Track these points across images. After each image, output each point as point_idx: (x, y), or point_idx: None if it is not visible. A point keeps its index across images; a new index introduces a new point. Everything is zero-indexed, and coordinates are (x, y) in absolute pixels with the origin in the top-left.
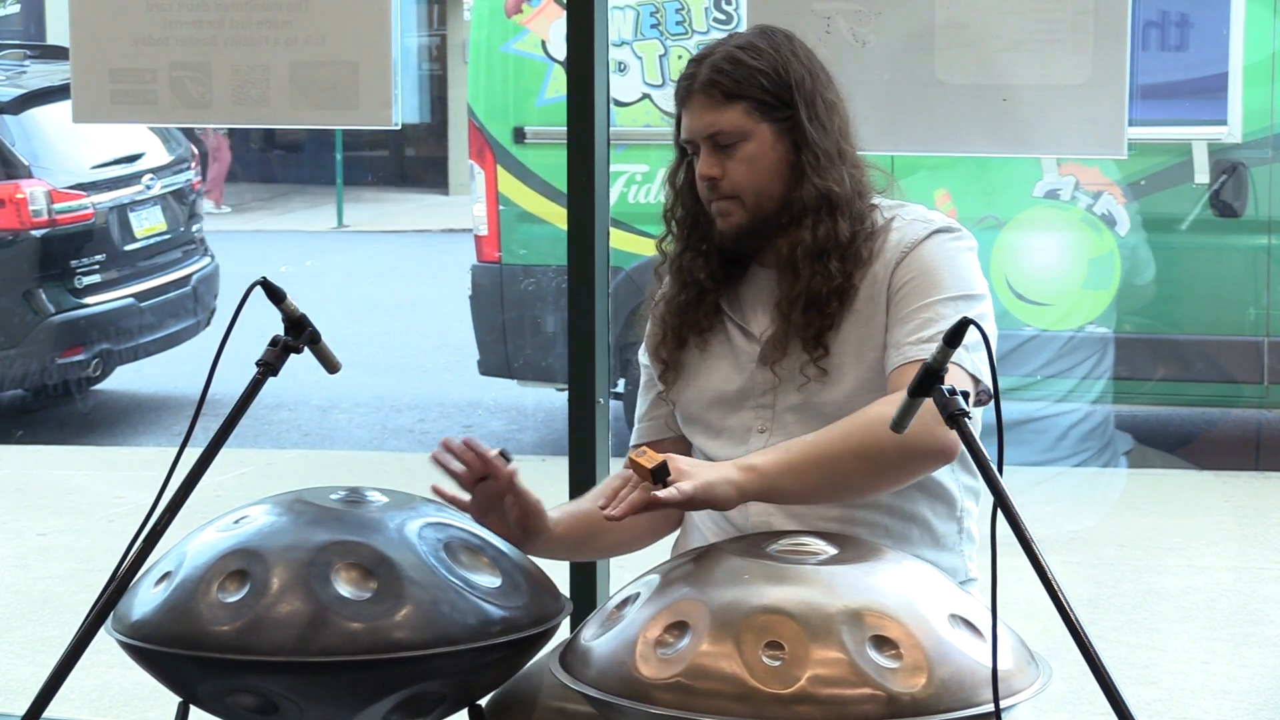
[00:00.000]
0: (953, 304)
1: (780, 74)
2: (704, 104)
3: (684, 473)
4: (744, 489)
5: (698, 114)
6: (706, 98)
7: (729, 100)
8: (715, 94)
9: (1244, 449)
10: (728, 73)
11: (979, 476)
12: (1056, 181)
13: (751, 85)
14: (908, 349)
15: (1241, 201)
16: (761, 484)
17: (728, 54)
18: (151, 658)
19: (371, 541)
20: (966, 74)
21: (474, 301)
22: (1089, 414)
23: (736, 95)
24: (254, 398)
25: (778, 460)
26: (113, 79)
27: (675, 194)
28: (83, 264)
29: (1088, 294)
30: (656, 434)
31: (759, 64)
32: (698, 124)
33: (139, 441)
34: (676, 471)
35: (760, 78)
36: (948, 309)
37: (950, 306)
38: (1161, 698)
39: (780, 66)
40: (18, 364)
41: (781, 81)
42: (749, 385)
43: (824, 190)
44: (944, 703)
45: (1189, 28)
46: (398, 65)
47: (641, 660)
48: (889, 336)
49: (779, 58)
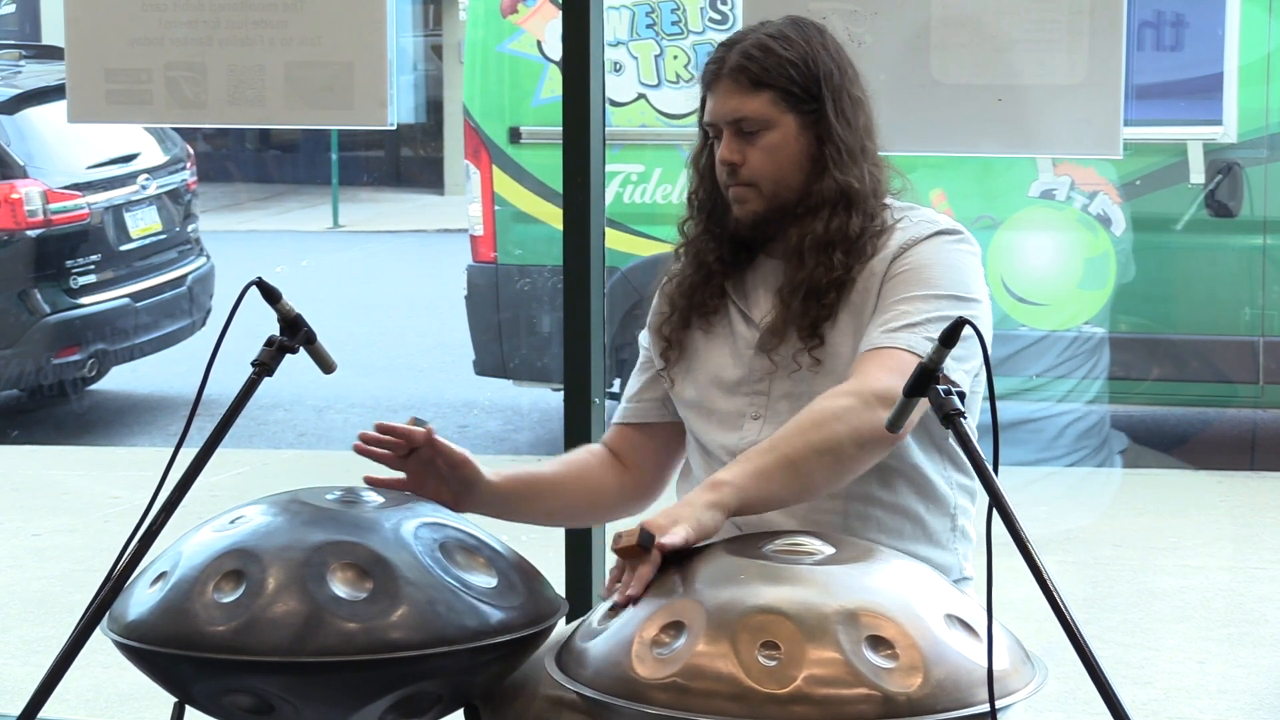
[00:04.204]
0: (935, 301)
1: (810, 66)
2: (731, 89)
3: (664, 528)
4: (720, 504)
5: (723, 98)
6: (734, 83)
7: (756, 88)
8: (743, 80)
9: (1239, 449)
10: (758, 60)
11: (974, 476)
12: (1052, 181)
13: (780, 75)
14: (874, 336)
15: (1237, 201)
16: (735, 495)
17: (758, 41)
18: (147, 658)
19: (367, 541)
20: (962, 74)
21: (469, 301)
22: (1085, 414)
23: (764, 83)
24: (249, 398)
25: (743, 470)
26: (108, 79)
27: (698, 176)
28: (78, 264)
29: (1083, 294)
30: (643, 417)
31: (789, 54)
32: (723, 108)
33: (134, 442)
34: (658, 528)
35: (789, 68)
36: (928, 305)
37: (931, 304)
38: (1157, 697)
39: (810, 58)
40: (13, 364)
41: (810, 74)
42: (746, 371)
43: (844, 185)
44: (940, 703)
45: (1184, 28)
46: (393, 65)
47: (637, 660)
48: (869, 325)
49: (809, 49)
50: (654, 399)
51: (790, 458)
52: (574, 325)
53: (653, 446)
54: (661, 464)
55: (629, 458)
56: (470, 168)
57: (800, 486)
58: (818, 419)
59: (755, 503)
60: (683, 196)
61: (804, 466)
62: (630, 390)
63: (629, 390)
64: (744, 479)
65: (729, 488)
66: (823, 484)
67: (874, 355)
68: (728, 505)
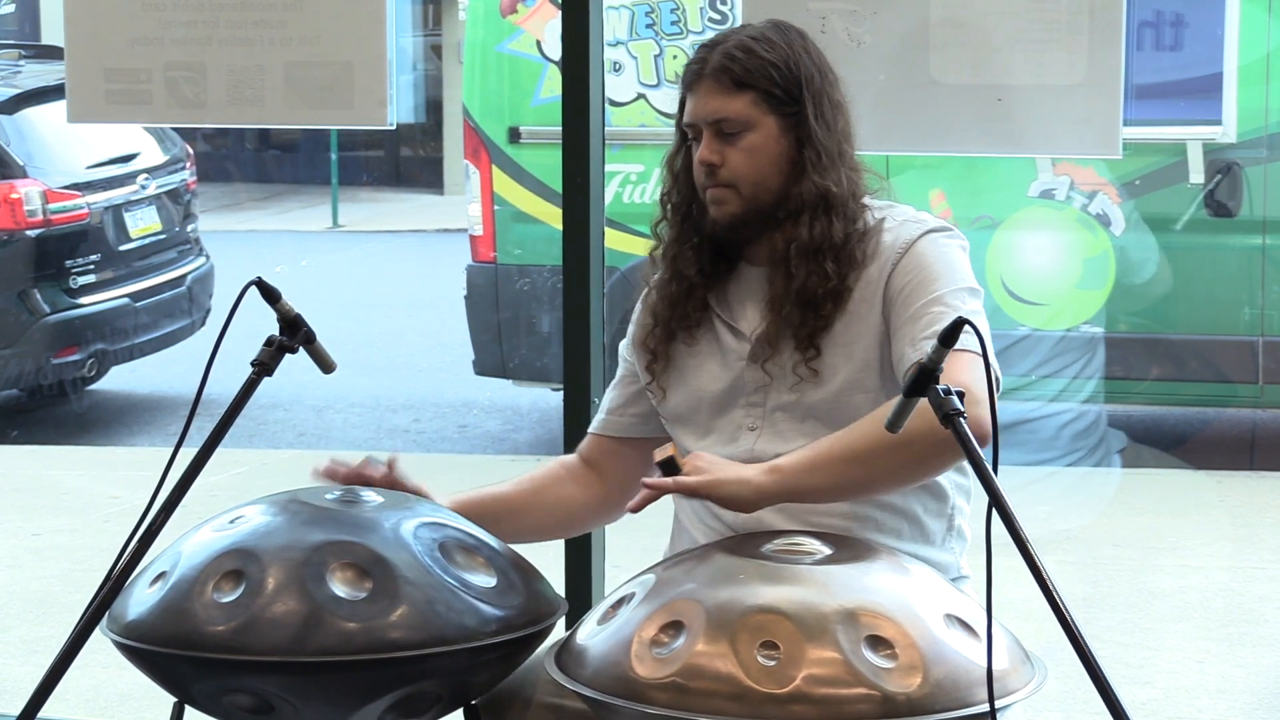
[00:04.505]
0: (956, 295)
1: (791, 68)
2: (712, 90)
3: (699, 468)
4: (763, 489)
5: (705, 99)
6: (716, 83)
7: (738, 88)
8: (725, 81)
9: (1239, 448)
10: (740, 61)
11: (969, 475)
12: (1051, 181)
13: (762, 76)
14: (925, 344)
15: (1236, 201)
16: (784, 482)
17: (740, 43)
18: (146, 658)
19: (367, 541)
20: (962, 74)
21: (469, 301)
22: (1082, 414)
23: (746, 84)
24: (249, 398)
25: (801, 458)
26: (108, 79)
27: (673, 179)
28: (78, 264)
29: (1082, 294)
30: (623, 431)
31: (771, 56)
32: (704, 109)
33: (134, 441)
34: (692, 467)
35: (771, 70)
36: (956, 300)
37: (956, 298)
38: (1156, 697)
39: (792, 61)
40: (13, 364)
41: (792, 76)
42: (738, 384)
43: (823, 189)
44: (939, 703)
45: (1184, 28)
46: (392, 65)
47: (637, 660)
48: (901, 335)
49: (791, 52)
50: (636, 414)
51: (859, 451)
52: (573, 325)
53: (629, 460)
54: (636, 478)
55: (604, 469)
56: (470, 168)
57: (867, 480)
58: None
59: (806, 493)
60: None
61: (873, 460)
62: (610, 402)
63: (608, 402)
64: (799, 467)
65: (782, 474)
66: (893, 481)
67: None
68: (770, 491)
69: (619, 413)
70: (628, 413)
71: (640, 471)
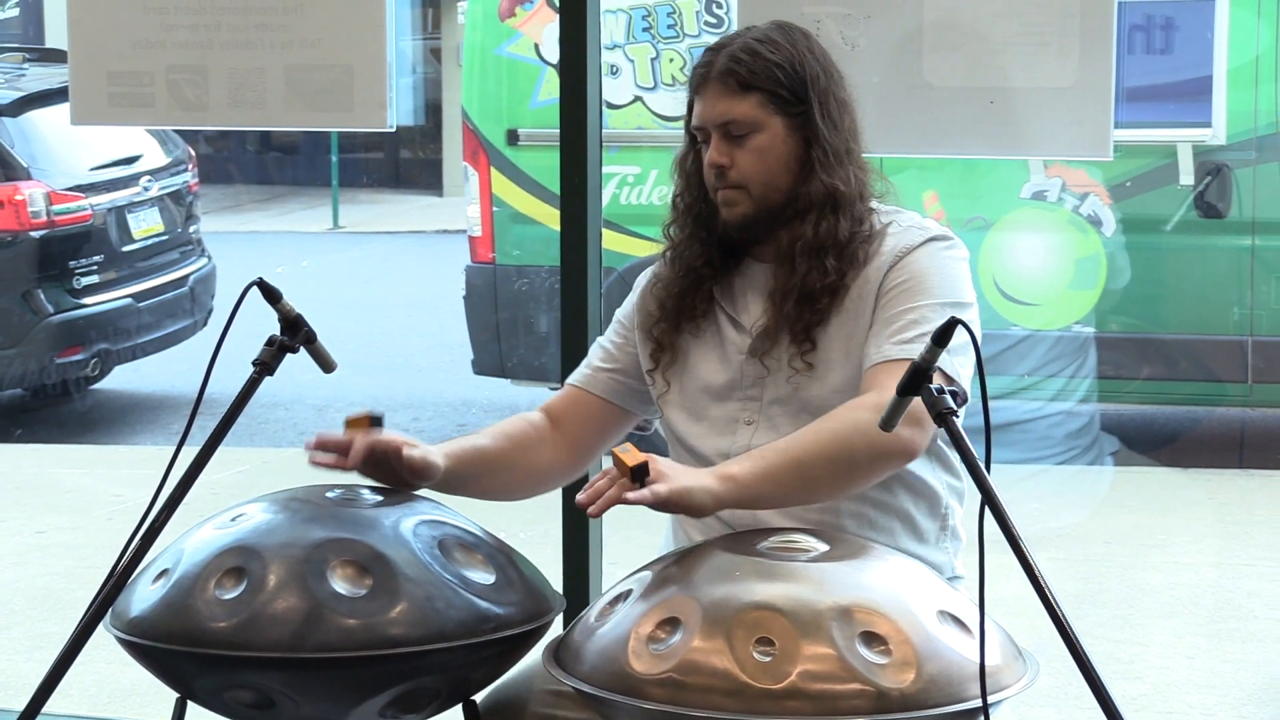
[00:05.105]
0: (939, 309)
1: (796, 69)
2: (719, 92)
3: (663, 475)
4: (721, 498)
5: (711, 102)
6: (722, 86)
7: (744, 90)
8: (731, 83)
9: (1228, 447)
10: (745, 63)
11: (962, 477)
12: (1043, 183)
13: (767, 78)
14: (887, 348)
15: (1226, 203)
16: (739, 493)
17: (745, 45)
18: (149, 654)
19: (367, 539)
20: (955, 76)
21: (468, 302)
22: (1075, 414)
23: (752, 86)
24: (250, 397)
25: (754, 468)
26: (110, 81)
27: (684, 180)
28: (81, 265)
29: (1074, 294)
30: (599, 389)
31: (776, 57)
32: (711, 112)
33: (137, 440)
34: (656, 473)
35: (776, 71)
36: (934, 313)
37: (936, 311)
38: (1146, 692)
39: (797, 61)
40: (17, 364)
41: (797, 76)
42: (737, 377)
43: (830, 187)
44: (932, 698)
45: (1174, 31)
46: (392, 68)
47: (634, 656)
48: (870, 335)
49: (795, 53)
50: (613, 376)
51: (803, 462)
52: (571, 325)
53: (591, 424)
54: (593, 442)
55: (569, 424)
56: (469, 169)
57: (806, 490)
58: (836, 428)
59: (754, 503)
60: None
61: (814, 471)
62: (593, 358)
63: (592, 357)
64: (753, 478)
65: (736, 484)
66: (829, 490)
67: (890, 368)
68: (726, 500)
69: (600, 369)
70: (613, 376)
71: (595, 437)
